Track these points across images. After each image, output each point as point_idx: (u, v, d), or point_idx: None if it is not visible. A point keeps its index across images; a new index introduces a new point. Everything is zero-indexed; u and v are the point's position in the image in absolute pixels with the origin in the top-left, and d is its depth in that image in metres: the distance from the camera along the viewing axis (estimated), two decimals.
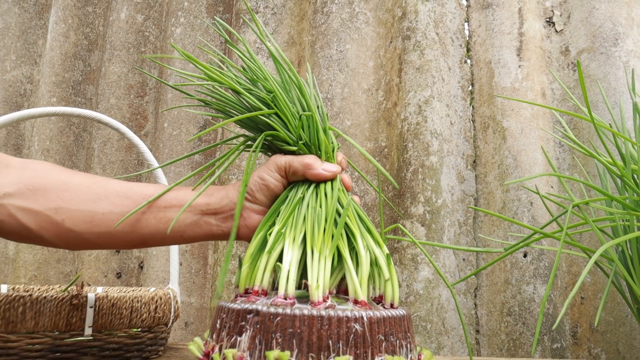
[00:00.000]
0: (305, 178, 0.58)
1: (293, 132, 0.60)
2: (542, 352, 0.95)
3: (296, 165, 0.57)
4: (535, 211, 1.00)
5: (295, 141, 0.60)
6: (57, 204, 0.57)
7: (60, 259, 1.38)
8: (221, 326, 0.47)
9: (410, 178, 1.03)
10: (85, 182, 0.59)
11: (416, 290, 0.98)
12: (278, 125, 0.59)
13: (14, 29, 1.56)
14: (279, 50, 0.64)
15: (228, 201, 0.60)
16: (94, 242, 0.59)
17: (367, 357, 0.44)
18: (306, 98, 0.60)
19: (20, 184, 0.56)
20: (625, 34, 1.04)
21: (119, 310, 0.71)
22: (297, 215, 0.53)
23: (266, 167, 0.59)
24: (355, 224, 0.53)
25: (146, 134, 1.40)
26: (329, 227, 0.51)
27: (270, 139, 0.61)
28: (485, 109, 1.09)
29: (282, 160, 0.59)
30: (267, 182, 0.58)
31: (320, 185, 0.57)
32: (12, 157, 0.60)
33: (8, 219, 0.55)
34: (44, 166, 0.60)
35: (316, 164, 0.57)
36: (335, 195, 0.55)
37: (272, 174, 0.59)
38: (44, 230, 0.56)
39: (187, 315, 1.22)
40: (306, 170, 0.57)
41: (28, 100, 1.55)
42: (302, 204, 0.55)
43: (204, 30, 1.35)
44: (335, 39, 1.18)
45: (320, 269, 0.48)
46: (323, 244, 0.50)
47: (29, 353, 0.65)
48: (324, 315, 0.43)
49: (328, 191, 0.56)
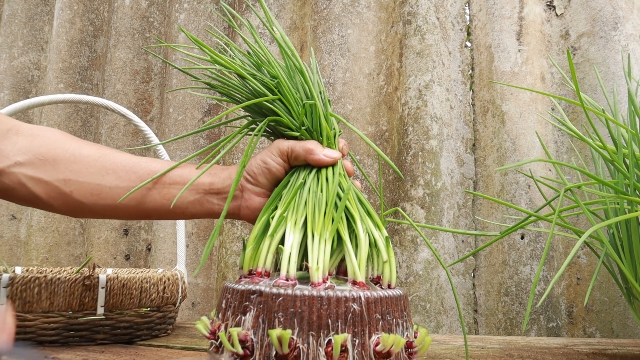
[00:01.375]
0: (307, 163, 0.59)
1: (296, 118, 0.61)
2: (538, 331, 0.98)
3: (298, 150, 0.59)
4: (532, 194, 1.02)
5: (297, 127, 0.61)
6: (66, 176, 0.59)
7: (71, 241, 1.42)
8: (226, 306, 0.49)
9: (410, 161, 1.05)
10: (93, 154, 0.61)
11: (416, 271, 1.01)
12: (281, 111, 0.61)
13: (20, 15, 1.57)
14: (283, 36, 0.65)
15: (231, 182, 0.61)
16: (99, 212, 0.61)
17: (365, 336, 0.46)
18: (309, 85, 0.62)
19: (31, 153, 0.58)
20: (625, 18, 1.05)
21: (129, 290, 0.74)
22: (298, 200, 0.55)
23: (269, 151, 0.61)
24: (355, 207, 0.55)
25: (152, 119, 1.42)
26: (330, 211, 0.53)
27: (273, 124, 0.63)
28: (485, 93, 1.10)
29: (285, 145, 0.60)
30: (269, 165, 0.60)
31: (322, 170, 0.59)
32: (22, 122, 0.61)
33: (19, 187, 0.58)
34: (53, 135, 0.61)
35: (317, 149, 0.59)
36: (336, 180, 0.57)
37: (275, 157, 0.60)
38: (52, 199, 0.59)
39: (194, 295, 1.26)
40: (308, 155, 0.58)
41: (36, 86, 1.58)
42: (304, 188, 0.57)
43: (207, 15, 1.36)
44: (337, 24, 1.19)
45: (320, 252, 0.50)
46: (323, 227, 0.52)
47: (44, 331, 0.68)
48: (324, 296, 0.45)
49: (329, 176, 0.58)
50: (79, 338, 0.70)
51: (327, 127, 0.61)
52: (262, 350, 0.44)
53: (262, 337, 0.45)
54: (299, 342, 0.44)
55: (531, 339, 0.88)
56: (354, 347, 0.45)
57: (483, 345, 0.78)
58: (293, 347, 0.44)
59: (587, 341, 0.83)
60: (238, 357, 0.45)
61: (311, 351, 0.44)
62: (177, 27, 1.34)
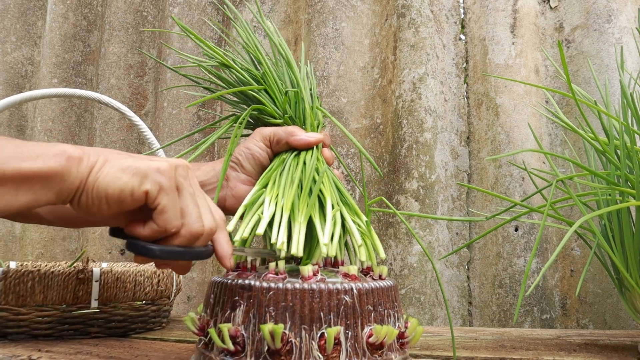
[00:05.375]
0: (290, 148, 0.60)
1: (279, 107, 0.63)
2: (531, 323, 0.98)
3: (280, 133, 0.60)
4: (526, 186, 1.03)
5: (280, 115, 0.63)
6: None
7: (66, 236, 1.42)
8: (215, 301, 0.49)
9: (404, 154, 1.06)
10: None
11: (410, 263, 1.01)
12: (266, 100, 0.62)
13: (13, 10, 1.56)
14: (275, 31, 0.65)
15: (215, 173, 0.62)
16: None
17: (357, 327, 0.46)
18: (296, 76, 0.63)
19: None
20: (619, 10, 1.05)
21: (123, 284, 0.74)
22: (278, 179, 0.56)
23: (252, 138, 0.62)
24: (329, 189, 0.55)
25: (146, 114, 1.42)
26: (304, 195, 0.53)
27: (256, 113, 0.64)
28: (479, 86, 1.11)
29: (267, 130, 0.61)
30: (252, 150, 0.61)
31: (301, 153, 0.60)
32: None
33: None
34: None
35: (299, 131, 0.60)
36: (313, 163, 0.58)
37: (258, 143, 0.61)
38: None
39: (189, 289, 1.26)
40: (289, 137, 0.60)
41: (29, 82, 1.57)
42: (284, 167, 0.58)
43: (201, 9, 1.35)
44: (331, 17, 1.19)
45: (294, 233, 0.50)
46: (298, 210, 0.52)
47: (38, 325, 0.68)
48: (315, 288, 0.45)
49: (307, 159, 0.59)
50: (73, 331, 0.71)
51: (312, 115, 0.62)
52: (253, 346, 0.44)
53: (253, 332, 0.44)
54: (291, 336, 0.44)
55: (524, 330, 0.88)
56: (347, 339, 0.45)
57: (476, 336, 0.78)
58: (285, 341, 0.43)
59: (580, 332, 0.84)
60: (229, 353, 0.45)
61: (304, 345, 0.44)
62: (171, 18, 1.34)
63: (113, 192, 0.40)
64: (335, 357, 0.44)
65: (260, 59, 0.63)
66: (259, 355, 0.44)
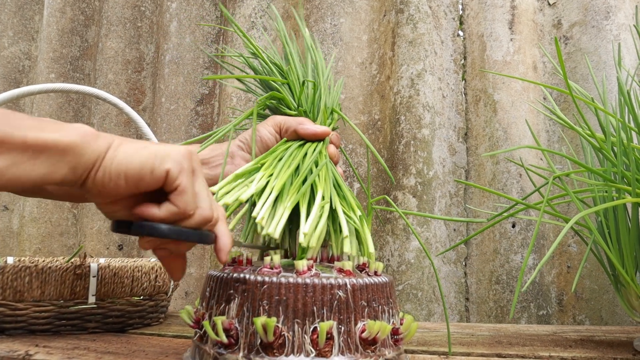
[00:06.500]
0: (298, 138, 0.63)
1: (296, 99, 0.67)
2: (528, 319, 0.99)
3: (290, 121, 0.63)
4: (524, 183, 1.03)
5: (295, 107, 0.67)
6: None
7: (64, 232, 1.42)
8: (210, 294, 0.49)
9: (402, 150, 1.06)
10: None
11: (408, 259, 1.01)
12: (286, 93, 0.67)
13: (10, 4, 1.56)
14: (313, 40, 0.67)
15: (220, 151, 0.64)
16: None
17: (350, 323, 0.46)
18: (319, 77, 0.69)
19: None
20: (617, 7, 1.05)
21: (120, 279, 0.74)
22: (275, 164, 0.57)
23: (264, 122, 0.65)
24: (324, 182, 0.55)
25: (144, 109, 1.42)
26: (297, 182, 0.54)
27: (275, 102, 0.69)
28: (477, 82, 1.10)
29: (279, 117, 0.65)
30: (261, 133, 0.64)
31: (306, 144, 0.62)
32: None
33: None
34: None
35: (308, 122, 0.64)
36: (315, 155, 0.59)
37: (268, 127, 0.64)
38: None
39: (187, 285, 1.26)
40: (298, 125, 0.63)
41: (27, 77, 1.57)
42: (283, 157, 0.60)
43: (199, 4, 1.35)
44: (329, 13, 1.18)
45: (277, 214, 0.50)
46: (287, 194, 0.52)
47: (36, 320, 0.68)
48: (309, 283, 0.46)
49: (309, 151, 0.61)
50: (70, 327, 0.71)
51: (325, 112, 0.65)
52: (246, 339, 0.45)
53: (246, 325, 0.45)
54: (284, 329, 0.44)
55: (521, 326, 0.88)
56: (340, 334, 0.45)
57: (473, 332, 0.78)
58: (278, 334, 0.44)
59: (576, 328, 0.84)
60: (222, 345, 0.45)
61: (296, 339, 0.44)
62: (169, 17, 1.34)
63: (134, 167, 0.40)
64: (328, 352, 0.44)
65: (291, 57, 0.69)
66: (252, 348, 0.44)
